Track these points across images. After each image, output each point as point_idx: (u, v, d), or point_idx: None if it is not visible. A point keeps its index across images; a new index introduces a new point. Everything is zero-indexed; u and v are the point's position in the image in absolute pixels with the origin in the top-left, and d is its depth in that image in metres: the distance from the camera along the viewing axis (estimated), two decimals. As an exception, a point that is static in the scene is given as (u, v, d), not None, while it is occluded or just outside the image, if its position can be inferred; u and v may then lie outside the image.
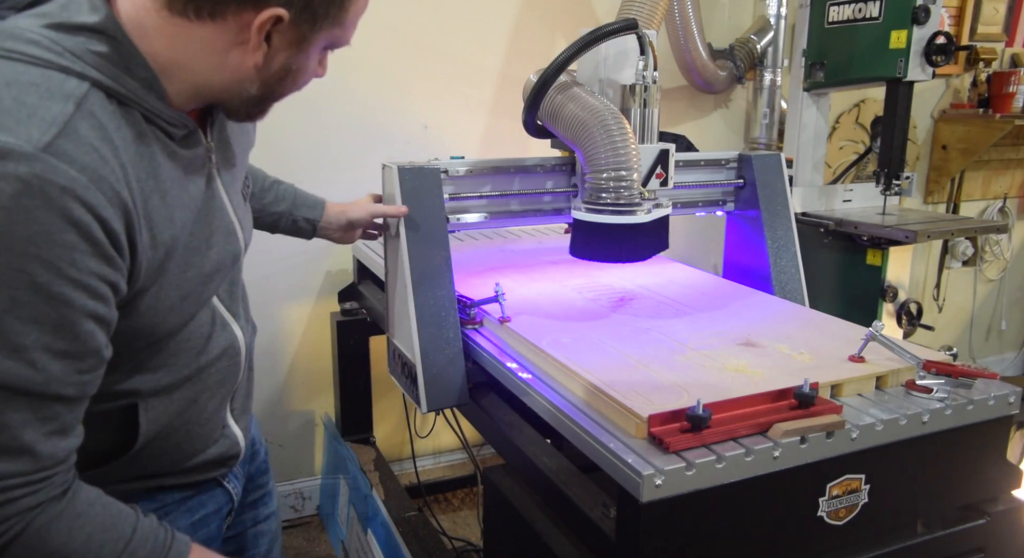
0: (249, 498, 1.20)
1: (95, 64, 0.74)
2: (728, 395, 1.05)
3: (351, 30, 0.88)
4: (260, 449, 1.25)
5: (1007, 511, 1.17)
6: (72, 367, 0.73)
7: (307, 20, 0.81)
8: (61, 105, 0.71)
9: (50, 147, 0.68)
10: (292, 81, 0.88)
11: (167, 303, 0.86)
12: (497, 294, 1.41)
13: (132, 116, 0.78)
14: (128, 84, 0.77)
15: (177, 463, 0.99)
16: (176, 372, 0.92)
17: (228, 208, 0.96)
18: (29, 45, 0.72)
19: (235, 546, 1.18)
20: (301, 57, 0.85)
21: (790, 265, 1.76)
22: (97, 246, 0.72)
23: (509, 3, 2.50)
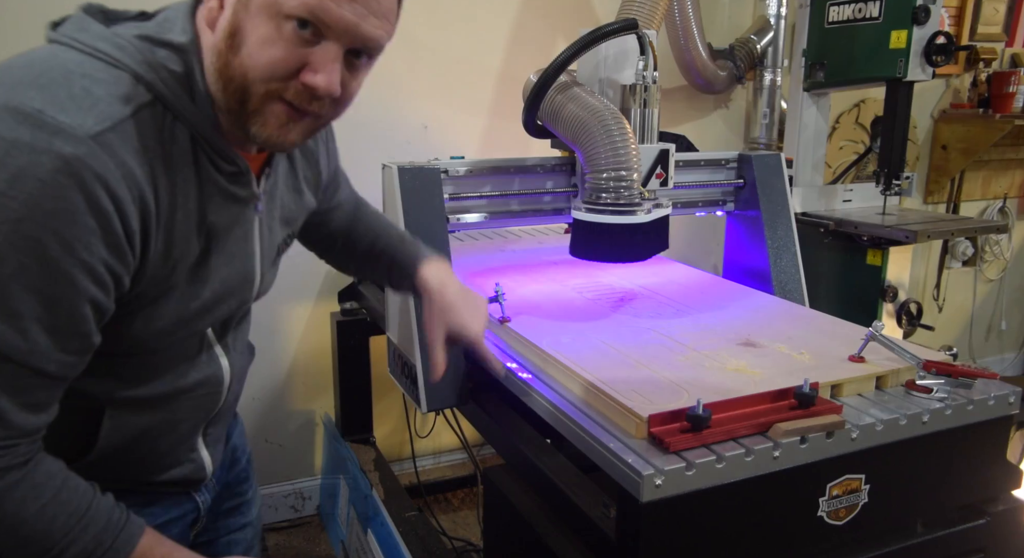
0: (224, 506, 1.18)
1: (164, 79, 0.79)
2: (728, 395, 1.05)
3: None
4: (241, 457, 1.23)
5: (1007, 511, 1.17)
6: (58, 344, 0.75)
7: None
8: (121, 106, 0.75)
9: (99, 137, 0.72)
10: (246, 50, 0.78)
11: (161, 322, 0.87)
12: (497, 294, 1.41)
13: (184, 135, 0.81)
14: (187, 106, 0.80)
15: (136, 476, 0.98)
16: (150, 388, 0.92)
17: (256, 257, 0.97)
18: (115, 49, 0.78)
19: (206, 552, 1.17)
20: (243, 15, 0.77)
21: (790, 265, 1.76)
22: (112, 236, 0.74)
23: (509, 3, 2.50)
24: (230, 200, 0.88)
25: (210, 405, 1.02)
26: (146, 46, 0.79)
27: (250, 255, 0.95)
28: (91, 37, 0.78)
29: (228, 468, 1.19)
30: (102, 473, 0.93)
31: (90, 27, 0.79)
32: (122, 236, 0.75)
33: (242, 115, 0.81)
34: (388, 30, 0.83)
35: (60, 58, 0.76)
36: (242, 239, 0.93)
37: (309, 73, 0.79)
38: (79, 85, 0.74)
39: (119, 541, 0.82)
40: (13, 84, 0.72)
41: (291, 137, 0.84)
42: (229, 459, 1.20)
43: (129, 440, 0.94)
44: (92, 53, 0.77)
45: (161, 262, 0.82)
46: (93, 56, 0.77)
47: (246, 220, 0.93)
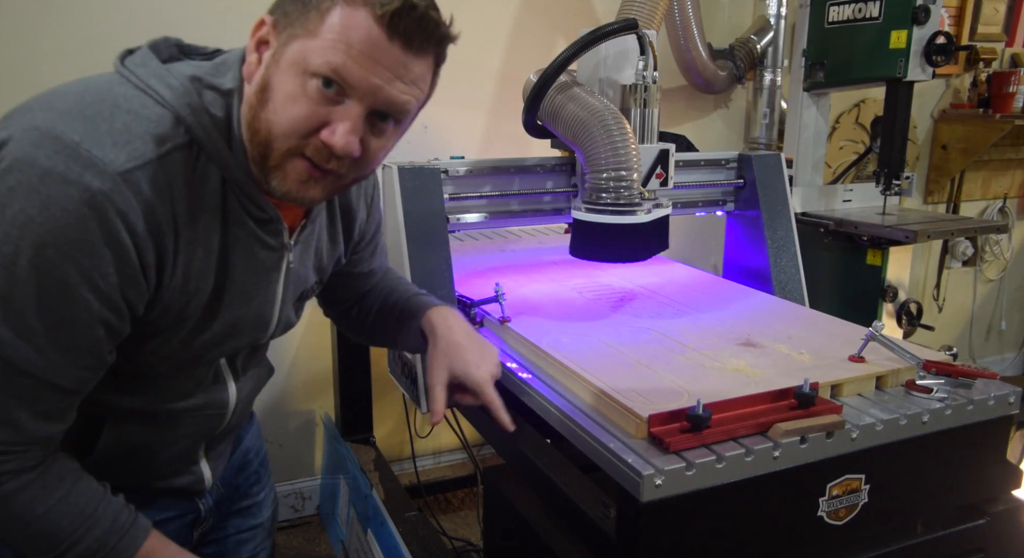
0: (234, 507, 1.19)
1: (204, 123, 0.82)
2: (728, 395, 1.05)
3: (331, 50, 0.77)
4: (253, 460, 1.23)
5: (1007, 511, 1.17)
6: (73, 361, 0.79)
7: (282, 29, 0.80)
8: (156, 146, 0.79)
9: (127, 174, 0.76)
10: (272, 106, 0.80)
11: (169, 350, 0.90)
12: (497, 294, 1.41)
13: (216, 177, 0.84)
14: (222, 151, 0.83)
15: (134, 480, 1.00)
16: (152, 404, 0.94)
17: (276, 300, 0.97)
18: (165, 88, 0.81)
19: (214, 550, 1.17)
20: (274, 70, 0.80)
21: (790, 265, 1.76)
22: (128, 267, 0.78)
23: (509, 3, 2.50)
24: (258, 244, 0.90)
25: (213, 425, 1.03)
26: (195, 88, 0.82)
27: (270, 300, 0.96)
28: (148, 73, 0.82)
29: (237, 471, 1.19)
30: (99, 473, 0.95)
31: (150, 63, 0.84)
32: (138, 268, 0.79)
33: (264, 168, 0.83)
34: (416, 95, 0.84)
35: (115, 92, 0.80)
36: (264, 284, 0.94)
37: (327, 132, 0.80)
38: (121, 121, 0.78)
39: (122, 543, 0.86)
40: (64, 111, 0.77)
41: (311, 194, 0.85)
42: (240, 462, 1.20)
43: (127, 449, 0.96)
44: (145, 89, 0.81)
45: (177, 294, 0.85)
46: (145, 92, 0.81)
47: (272, 266, 0.94)
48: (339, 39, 0.77)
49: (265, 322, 0.98)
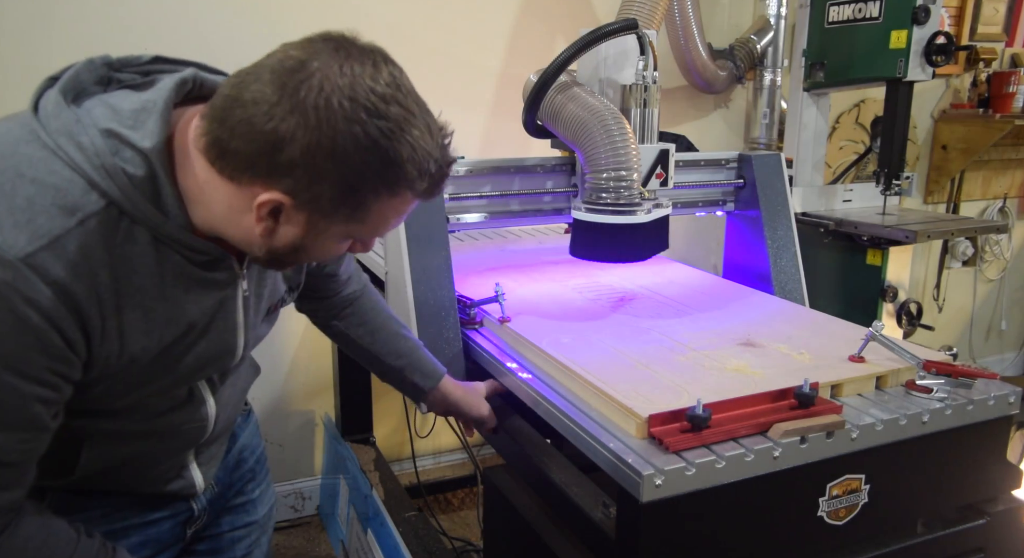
0: (228, 504, 1.19)
1: (122, 186, 0.77)
2: (728, 395, 1.05)
3: (380, 227, 0.84)
4: (249, 457, 1.23)
5: (1007, 511, 1.17)
6: (16, 438, 0.77)
7: (315, 211, 0.78)
8: (64, 218, 0.74)
9: (29, 258, 0.72)
10: (306, 256, 0.85)
11: (126, 391, 0.88)
12: (497, 294, 1.41)
13: (143, 236, 0.80)
14: (145, 210, 0.79)
15: (124, 489, 1.00)
16: (129, 425, 0.93)
17: (239, 328, 0.96)
18: (76, 149, 0.76)
19: (209, 546, 1.17)
20: (310, 239, 0.82)
21: (790, 265, 1.76)
22: (51, 348, 0.76)
23: (509, 3, 2.50)
24: (207, 285, 0.88)
25: (196, 436, 1.02)
26: (110, 145, 0.77)
27: (231, 330, 0.95)
28: (58, 128, 0.77)
29: (233, 468, 1.19)
30: (87, 485, 0.95)
31: (61, 113, 0.77)
32: (62, 346, 0.76)
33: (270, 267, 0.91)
34: None
35: (18, 155, 0.76)
36: (223, 318, 0.92)
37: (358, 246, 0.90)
38: (23, 194, 0.73)
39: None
40: None
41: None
42: (235, 459, 1.20)
43: (110, 466, 0.95)
44: (54, 150, 0.76)
45: (116, 358, 0.82)
46: (54, 153, 0.76)
47: (228, 298, 0.92)
48: (385, 221, 0.83)
49: (231, 351, 0.96)
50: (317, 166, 0.74)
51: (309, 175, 0.75)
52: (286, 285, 1.06)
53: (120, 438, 0.93)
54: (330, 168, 0.74)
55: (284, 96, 0.73)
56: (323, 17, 2.23)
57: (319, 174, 0.75)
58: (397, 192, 0.79)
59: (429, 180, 0.80)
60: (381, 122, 0.75)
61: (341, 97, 0.73)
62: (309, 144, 0.73)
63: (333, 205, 0.78)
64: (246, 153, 0.75)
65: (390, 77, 0.77)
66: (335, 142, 0.73)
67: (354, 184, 0.76)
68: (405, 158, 0.77)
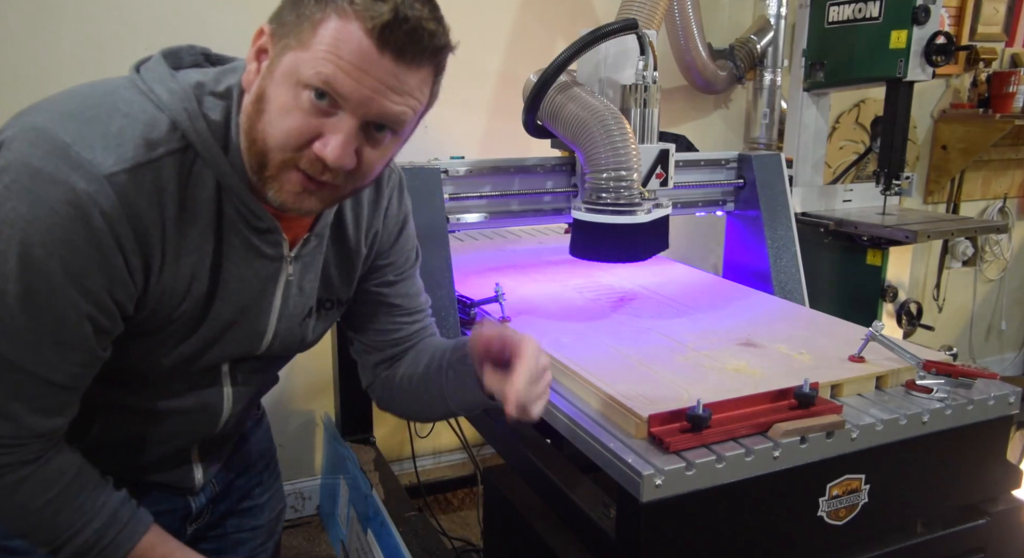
0: (234, 507, 1.19)
1: (200, 129, 0.82)
2: (728, 395, 1.05)
3: (321, 61, 0.76)
4: (257, 461, 1.23)
5: (1007, 511, 1.17)
6: (65, 358, 0.80)
7: (276, 40, 0.79)
8: (147, 151, 0.79)
9: (113, 177, 0.76)
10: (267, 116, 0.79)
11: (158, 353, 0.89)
12: (497, 294, 1.41)
13: (212, 183, 0.84)
14: (217, 157, 0.83)
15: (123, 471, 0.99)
16: (144, 401, 0.94)
17: (272, 314, 0.95)
18: (165, 92, 0.82)
19: (213, 546, 1.17)
20: (268, 81, 0.79)
21: (790, 265, 1.76)
22: (112, 268, 0.79)
23: (509, 3, 2.50)
24: (253, 253, 0.89)
25: (205, 428, 1.02)
26: (196, 93, 0.83)
27: (264, 311, 0.95)
28: (153, 77, 0.83)
29: (240, 472, 1.19)
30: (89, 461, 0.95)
31: (158, 68, 0.84)
32: (123, 268, 0.79)
33: (261, 178, 0.82)
34: (413, 105, 0.82)
35: (118, 95, 0.81)
36: (259, 294, 0.93)
37: (320, 144, 0.79)
38: (117, 124, 0.78)
39: (121, 537, 0.88)
40: (65, 112, 0.78)
41: (307, 205, 0.84)
42: (243, 463, 1.20)
43: (117, 441, 0.96)
44: (147, 93, 0.82)
45: (166, 298, 0.85)
46: (147, 97, 0.81)
47: (269, 277, 0.93)
48: (330, 51, 0.75)
49: (259, 333, 0.96)
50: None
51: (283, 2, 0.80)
52: (326, 294, 1.03)
53: (132, 415, 0.95)
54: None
55: None
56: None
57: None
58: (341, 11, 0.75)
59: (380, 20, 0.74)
60: None
61: None
62: None
63: (289, 27, 0.78)
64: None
65: None
66: None
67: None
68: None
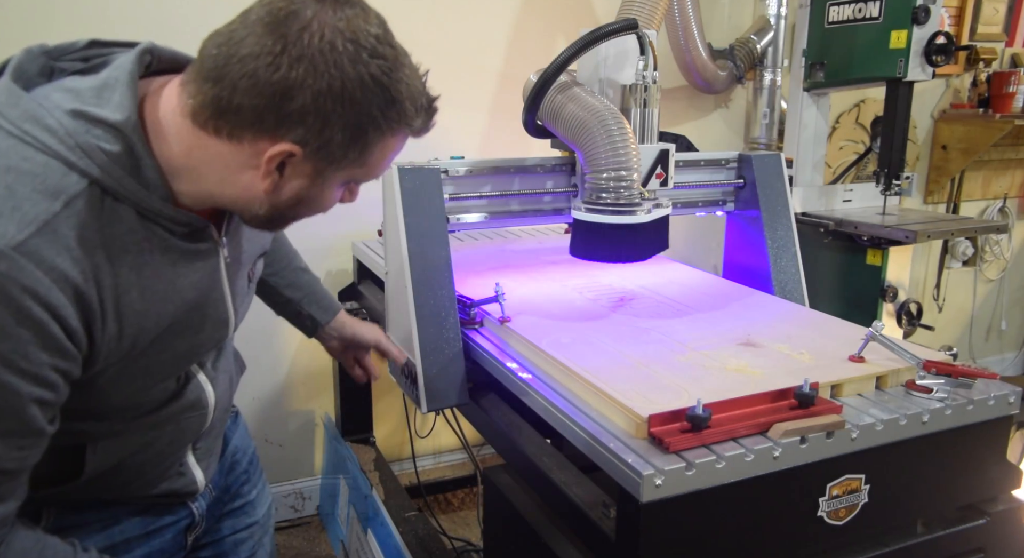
0: (226, 508, 1.19)
1: (101, 163, 0.76)
2: (728, 395, 1.05)
3: (378, 169, 0.86)
4: (242, 459, 1.23)
5: (1007, 511, 1.17)
6: (13, 445, 0.75)
7: (323, 158, 0.80)
8: (48, 202, 0.72)
9: (22, 246, 0.70)
10: (306, 208, 0.86)
11: (129, 380, 0.87)
12: (497, 294, 1.41)
13: (128, 213, 0.79)
14: (128, 185, 0.78)
15: (127, 491, 0.99)
16: (130, 422, 0.93)
17: (227, 298, 0.96)
18: (44, 132, 0.74)
19: (212, 552, 1.17)
20: (315, 189, 0.83)
21: (790, 265, 1.76)
22: (51, 340, 0.74)
23: (509, 3, 2.50)
24: (192, 257, 0.88)
25: (196, 427, 1.02)
26: (79, 126, 0.75)
27: (222, 299, 0.95)
28: (20, 115, 0.74)
29: (227, 472, 1.19)
30: (93, 490, 0.95)
31: (19, 101, 0.75)
32: (62, 337, 0.74)
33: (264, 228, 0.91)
34: None
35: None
36: (211, 288, 0.92)
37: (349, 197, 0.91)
38: (2, 184, 0.72)
39: None
40: None
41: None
42: (228, 462, 1.20)
43: (116, 464, 0.95)
44: (21, 137, 0.74)
45: (116, 342, 0.81)
46: (23, 140, 0.74)
47: (213, 268, 0.92)
48: (383, 162, 0.85)
49: (225, 321, 0.97)
50: (327, 110, 0.75)
51: (321, 121, 0.76)
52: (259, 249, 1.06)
53: (124, 436, 0.93)
54: (340, 111, 0.76)
55: (287, 45, 0.73)
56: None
57: (329, 118, 0.76)
58: (397, 130, 0.82)
59: (424, 116, 0.85)
60: (381, 62, 0.77)
61: (344, 40, 0.75)
62: (320, 90, 0.74)
63: (342, 150, 0.79)
64: (251, 107, 0.75)
65: (378, 19, 0.80)
66: (344, 85, 0.75)
67: (362, 125, 0.78)
68: (404, 95, 0.80)
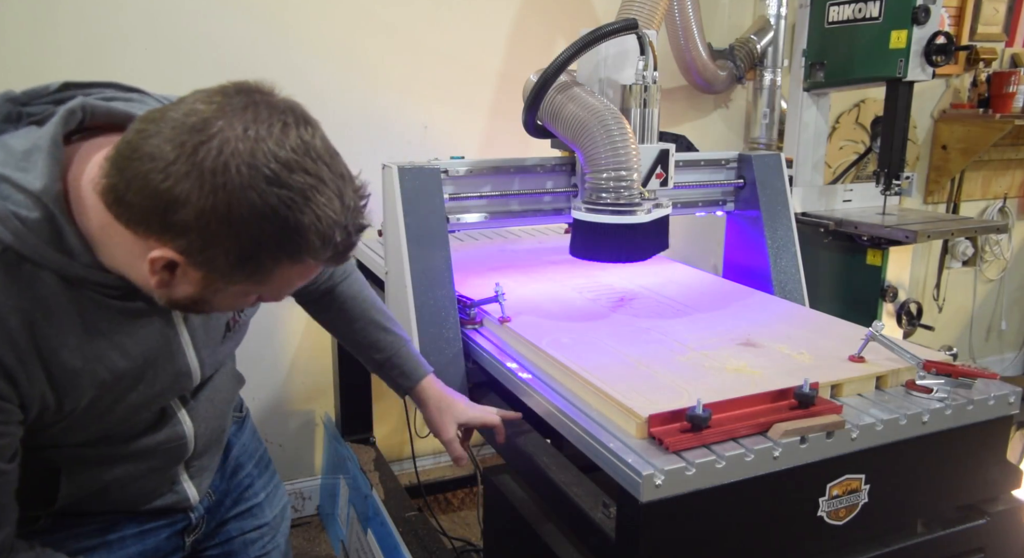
0: (232, 511, 1.19)
1: (15, 231, 0.75)
2: (728, 395, 1.05)
3: (284, 290, 0.83)
4: (247, 463, 1.23)
5: (1007, 511, 1.17)
6: None
7: (212, 271, 0.76)
8: None
9: None
10: (210, 308, 0.82)
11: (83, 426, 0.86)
12: (497, 294, 1.41)
13: (50, 278, 0.78)
14: (44, 253, 0.77)
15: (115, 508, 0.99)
16: (104, 451, 0.91)
17: (188, 351, 0.94)
18: None
19: (220, 552, 1.17)
20: (211, 295, 0.80)
21: (790, 265, 1.76)
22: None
23: (509, 3, 2.50)
24: (134, 315, 0.86)
25: (178, 456, 1.01)
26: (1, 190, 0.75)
27: (179, 353, 0.93)
28: None
29: (228, 476, 1.19)
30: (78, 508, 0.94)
31: None
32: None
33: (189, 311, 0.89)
34: None
35: None
36: (164, 344, 0.91)
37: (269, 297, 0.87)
38: None
39: None
40: None
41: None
42: (232, 467, 1.19)
43: (93, 491, 0.93)
44: None
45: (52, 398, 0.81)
46: None
47: (164, 324, 0.90)
48: (289, 283, 0.82)
49: (186, 374, 0.95)
50: (211, 231, 0.71)
51: (203, 239, 0.72)
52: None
53: (98, 464, 0.92)
54: (225, 233, 0.72)
55: (182, 156, 0.70)
56: (325, 18, 2.23)
57: (213, 238, 0.72)
58: (299, 259, 0.76)
59: (333, 249, 0.77)
60: (282, 191, 0.71)
61: (240, 163, 0.70)
62: (203, 208, 0.70)
63: (230, 268, 0.75)
64: (140, 207, 0.72)
65: (298, 141, 0.73)
66: (231, 208, 0.70)
67: (251, 251, 0.73)
68: (307, 226, 0.73)
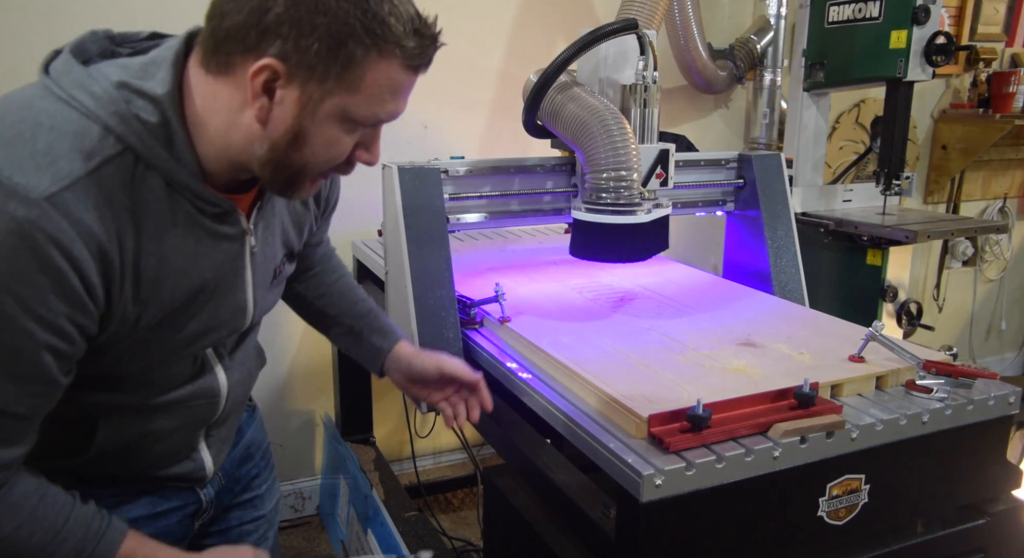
0: (236, 500, 1.20)
1: (137, 131, 0.79)
2: (728, 395, 1.05)
3: (376, 103, 0.82)
4: (255, 453, 1.24)
5: (1007, 511, 1.17)
6: (25, 390, 0.78)
7: (309, 78, 0.78)
8: (83, 162, 0.76)
9: (53, 197, 0.74)
10: (309, 149, 0.83)
11: (143, 352, 0.89)
12: (497, 294, 1.41)
13: (157, 182, 0.82)
14: (160, 155, 0.81)
15: (135, 472, 1.00)
16: (141, 399, 0.94)
17: (248, 288, 0.97)
18: (90, 98, 0.79)
19: (217, 541, 1.18)
20: (309, 122, 0.81)
21: (790, 265, 1.76)
22: (70, 291, 0.76)
23: (509, 3, 2.50)
24: (217, 238, 0.89)
25: (207, 414, 1.03)
26: (123, 95, 0.80)
27: (242, 288, 0.96)
28: (70, 82, 0.79)
29: (240, 463, 1.20)
30: (100, 468, 0.96)
31: (72, 70, 0.80)
32: (80, 289, 0.77)
33: (285, 189, 0.88)
34: None
35: (35, 107, 0.78)
36: (232, 274, 0.94)
37: (367, 155, 0.88)
38: (44, 140, 0.76)
39: (99, 549, 0.86)
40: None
41: (313, 192, 0.92)
42: (242, 454, 1.21)
43: (124, 443, 0.96)
44: (68, 101, 0.78)
45: (132, 306, 0.83)
46: (69, 104, 0.78)
47: (236, 255, 0.93)
48: (380, 94, 0.82)
49: (242, 310, 0.98)
50: (301, 18, 0.75)
51: (296, 30, 0.75)
52: (285, 249, 1.07)
53: (133, 414, 0.94)
54: (314, 19, 0.75)
55: None
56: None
57: (304, 27, 0.75)
58: (385, 49, 0.79)
59: (417, 40, 0.81)
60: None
61: None
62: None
63: (323, 63, 0.77)
64: (236, 27, 0.76)
65: None
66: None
67: (340, 35, 0.76)
68: (386, 11, 0.77)
